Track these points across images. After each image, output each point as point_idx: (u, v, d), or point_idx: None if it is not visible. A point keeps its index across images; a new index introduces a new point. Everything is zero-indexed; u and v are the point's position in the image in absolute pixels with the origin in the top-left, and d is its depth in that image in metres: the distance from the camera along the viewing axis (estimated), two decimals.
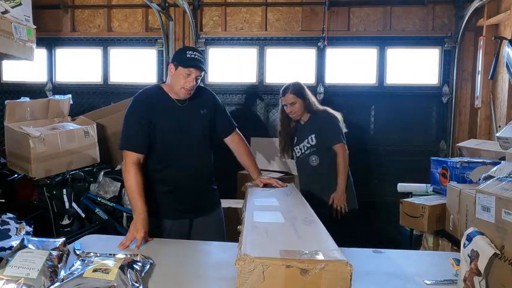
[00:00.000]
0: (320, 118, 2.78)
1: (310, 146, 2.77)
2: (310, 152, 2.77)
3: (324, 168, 2.75)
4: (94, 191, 3.71)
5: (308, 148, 2.78)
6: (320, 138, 2.74)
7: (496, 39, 3.37)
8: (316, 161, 2.76)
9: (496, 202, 1.16)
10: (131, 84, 4.52)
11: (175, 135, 1.98)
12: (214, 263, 1.57)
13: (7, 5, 2.09)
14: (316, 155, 2.76)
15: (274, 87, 4.36)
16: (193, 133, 2.03)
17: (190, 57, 1.93)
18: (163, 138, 1.97)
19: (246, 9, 4.40)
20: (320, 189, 2.73)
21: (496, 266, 1.14)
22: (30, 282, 1.21)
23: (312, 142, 2.76)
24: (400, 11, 4.23)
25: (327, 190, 2.72)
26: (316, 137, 2.75)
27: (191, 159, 2.02)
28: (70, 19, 4.55)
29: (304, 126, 2.84)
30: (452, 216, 2.34)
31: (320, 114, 2.80)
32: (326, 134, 2.74)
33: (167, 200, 2.02)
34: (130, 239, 1.71)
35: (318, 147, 2.75)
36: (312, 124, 2.80)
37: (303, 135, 2.81)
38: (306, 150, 2.79)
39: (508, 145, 2.29)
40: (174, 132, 1.98)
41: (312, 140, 2.76)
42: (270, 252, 1.00)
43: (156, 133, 1.95)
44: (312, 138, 2.76)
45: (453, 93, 4.15)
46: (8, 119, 3.28)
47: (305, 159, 2.80)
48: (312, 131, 2.77)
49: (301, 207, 1.59)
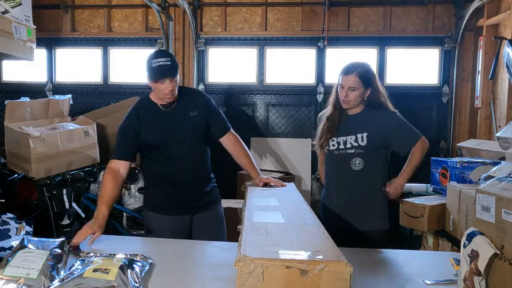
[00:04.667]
0: (379, 117, 2.21)
1: (358, 146, 2.19)
2: (355, 152, 2.20)
3: (366, 176, 2.20)
4: (94, 191, 3.71)
5: (353, 147, 2.20)
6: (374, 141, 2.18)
7: (496, 39, 3.37)
8: (360, 165, 2.19)
9: (496, 202, 1.16)
10: (131, 84, 4.52)
11: (162, 137, 2.10)
12: (214, 263, 1.57)
13: (7, 5, 2.09)
14: (362, 159, 2.19)
15: (274, 87, 4.37)
16: (181, 134, 2.10)
17: (156, 66, 1.98)
18: (152, 141, 2.10)
19: (246, 9, 4.40)
20: (354, 197, 2.21)
21: (496, 266, 1.14)
22: (30, 282, 1.21)
23: (362, 142, 2.18)
24: (400, 11, 4.23)
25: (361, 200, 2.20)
26: (369, 138, 2.18)
27: (184, 158, 2.11)
28: (70, 19, 4.56)
29: (354, 119, 2.24)
30: (452, 216, 2.34)
31: (381, 111, 2.23)
32: (399, 136, 2.19)
33: (167, 198, 2.13)
34: (84, 234, 1.75)
35: (367, 150, 2.19)
36: (364, 121, 2.21)
37: (349, 129, 2.23)
38: (348, 149, 2.22)
39: (508, 145, 2.29)
40: (160, 135, 2.10)
41: (362, 140, 2.19)
42: (269, 253, 1.00)
43: (145, 139, 2.09)
44: (362, 137, 2.19)
45: (453, 93, 4.15)
46: (8, 119, 3.28)
47: (344, 158, 2.23)
48: (365, 128, 2.18)
49: (301, 207, 1.59)
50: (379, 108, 2.23)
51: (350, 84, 2.15)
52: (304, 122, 4.35)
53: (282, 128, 4.39)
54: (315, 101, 4.32)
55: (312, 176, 4.23)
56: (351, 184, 2.23)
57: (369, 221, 2.17)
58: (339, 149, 2.24)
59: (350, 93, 2.16)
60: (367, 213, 2.18)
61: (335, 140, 2.25)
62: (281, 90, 4.34)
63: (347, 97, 2.18)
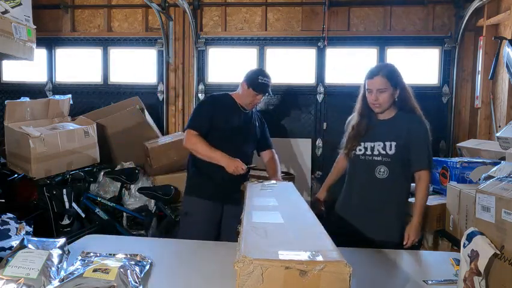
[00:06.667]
0: (411, 126, 2.12)
1: (385, 155, 2.11)
2: (381, 160, 2.12)
3: (390, 186, 2.12)
4: (94, 191, 3.71)
5: (380, 155, 2.13)
6: (402, 151, 2.10)
7: (496, 39, 3.37)
8: (385, 174, 2.11)
9: (496, 202, 1.16)
10: (131, 84, 4.52)
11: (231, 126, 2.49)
12: (214, 263, 1.57)
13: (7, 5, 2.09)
14: (387, 167, 2.11)
15: (274, 87, 4.34)
16: (243, 132, 2.55)
17: (261, 82, 2.49)
18: (222, 127, 2.47)
19: (246, 9, 4.40)
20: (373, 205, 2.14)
21: (496, 266, 1.14)
22: (30, 282, 1.21)
23: (390, 151, 2.10)
24: (400, 11, 4.23)
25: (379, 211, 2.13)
26: (398, 148, 2.10)
27: (238, 153, 2.42)
28: (70, 19, 4.55)
29: (384, 125, 2.16)
30: (452, 216, 2.34)
31: (412, 119, 2.14)
32: (416, 152, 2.10)
33: (208, 184, 2.46)
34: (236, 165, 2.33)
35: (394, 159, 2.10)
36: (395, 128, 2.13)
37: (377, 135, 2.15)
38: (375, 156, 2.14)
39: (508, 145, 2.29)
40: (231, 125, 2.50)
41: (390, 148, 2.11)
42: (269, 253, 1.00)
43: (216, 123, 2.46)
44: (391, 146, 2.11)
45: (453, 93, 4.15)
46: (8, 119, 3.28)
47: (370, 164, 2.15)
48: (395, 136, 2.11)
49: (301, 207, 1.59)
50: (410, 112, 2.15)
51: (377, 86, 2.09)
52: (305, 122, 4.35)
53: (282, 128, 4.39)
54: (315, 101, 4.31)
55: (312, 176, 4.23)
56: (373, 191, 2.15)
57: (384, 231, 2.10)
58: (366, 154, 2.16)
59: (380, 96, 2.09)
60: (384, 223, 2.11)
61: (362, 145, 2.18)
62: (281, 90, 4.33)
63: (377, 100, 2.10)
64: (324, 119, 4.29)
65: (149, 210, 3.63)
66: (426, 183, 2.10)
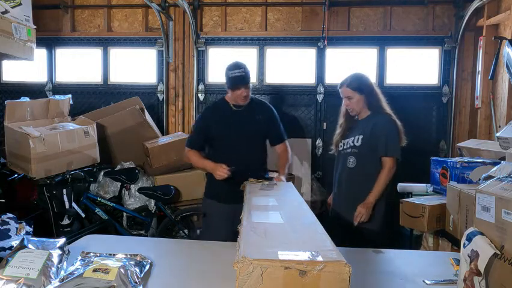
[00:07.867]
0: (377, 121, 2.50)
1: (353, 146, 2.52)
2: (351, 151, 2.53)
3: (358, 174, 2.50)
4: (94, 191, 3.71)
5: (350, 147, 2.54)
6: (367, 143, 2.47)
7: (496, 39, 3.37)
8: (353, 163, 2.50)
9: (496, 202, 1.15)
10: (131, 84, 4.52)
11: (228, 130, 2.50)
12: (214, 263, 1.57)
13: (7, 5, 2.09)
14: (355, 158, 2.50)
15: (274, 87, 4.37)
16: (244, 130, 2.51)
17: (233, 76, 2.43)
18: (220, 133, 2.52)
19: (246, 9, 4.40)
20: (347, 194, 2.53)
21: (496, 266, 1.14)
22: (30, 282, 1.21)
23: (357, 143, 2.50)
24: (400, 11, 4.23)
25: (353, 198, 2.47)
26: (363, 140, 2.48)
27: (242, 153, 2.47)
28: (70, 19, 4.56)
29: (358, 124, 2.59)
30: (452, 216, 2.34)
31: (379, 117, 2.52)
32: (377, 142, 2.46)
33: (224, 187, 2.44)
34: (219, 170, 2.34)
35: (361, 150, 2.49)
36: (365, 124, 2.53)
37: (352, 132, 2.58)
38: (347, 148, 2.56)
39: (508, 145, 2.29)
40: (227, 128, 2.51)
41: (357, 141, 2.51)
42: (268, 253, 1.00)
43: (212, 132, 2.53)
44: (358, 139, 2.51)
45: (453, 93, 4.15)
46: (8, 119, 3.28)
47: (344, 156, 2.57)
48: (362, 131, 2.51)
49: (300, 207, 1.59)
50: (379, 111, 2.53)
51: (346, 94, 2.56)
52: (304, 122, 4.35)
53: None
54: (315, 101, 4.31)
55: (312, 176, 4.23)
56: (345, 181, 2.56)
57: None
58: (344, 149, 2.59)
59: (350, 102, 2.55)
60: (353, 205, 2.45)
61: (343, 142, 2.62)
62: (281, 90, 4.33)
63: (348, 105, 2.57)
64: (324, 119, 4.30)
65: (149, 210, 3.63)
66: (387, 169, 2.44)
